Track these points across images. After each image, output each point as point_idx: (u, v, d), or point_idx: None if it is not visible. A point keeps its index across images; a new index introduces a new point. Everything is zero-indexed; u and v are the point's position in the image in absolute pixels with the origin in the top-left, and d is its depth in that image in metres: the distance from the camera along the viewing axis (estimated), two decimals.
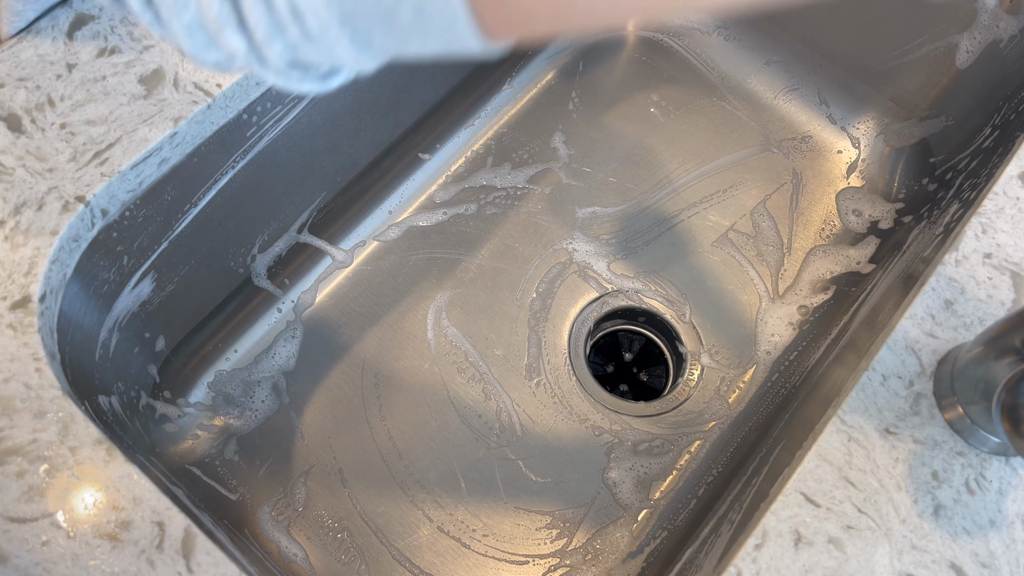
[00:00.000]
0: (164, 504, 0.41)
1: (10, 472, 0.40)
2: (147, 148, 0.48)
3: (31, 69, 0.50)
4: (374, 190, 0.71)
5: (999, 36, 0.66)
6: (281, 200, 0.63)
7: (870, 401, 0.46)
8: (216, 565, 0.39)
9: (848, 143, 0.76)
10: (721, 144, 0.76)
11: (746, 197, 0.74)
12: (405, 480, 0.61)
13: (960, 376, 0.45)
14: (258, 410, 0.63)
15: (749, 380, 0.66)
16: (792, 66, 0.78)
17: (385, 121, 0.68)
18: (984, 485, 0.44)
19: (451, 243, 0.70)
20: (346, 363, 0.65)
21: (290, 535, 0.59)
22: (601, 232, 0.71)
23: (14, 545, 0.39)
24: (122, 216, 0.49)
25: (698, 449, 0.64)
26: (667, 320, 0.69)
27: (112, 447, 0.41)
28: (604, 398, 0.65)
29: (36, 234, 0.45)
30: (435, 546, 0.59)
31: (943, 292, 0.49)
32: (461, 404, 0.64)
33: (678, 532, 0.60)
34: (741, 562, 0.42)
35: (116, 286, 0.52)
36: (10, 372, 0.42)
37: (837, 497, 0.43)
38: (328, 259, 0.69)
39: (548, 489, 0.61)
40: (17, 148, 0.47)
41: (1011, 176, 0.53)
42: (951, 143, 0.70)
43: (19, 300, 0.44)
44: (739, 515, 0.48)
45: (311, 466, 0.61)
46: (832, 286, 0.70)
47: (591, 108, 0.77)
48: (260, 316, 0.66)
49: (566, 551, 0.59)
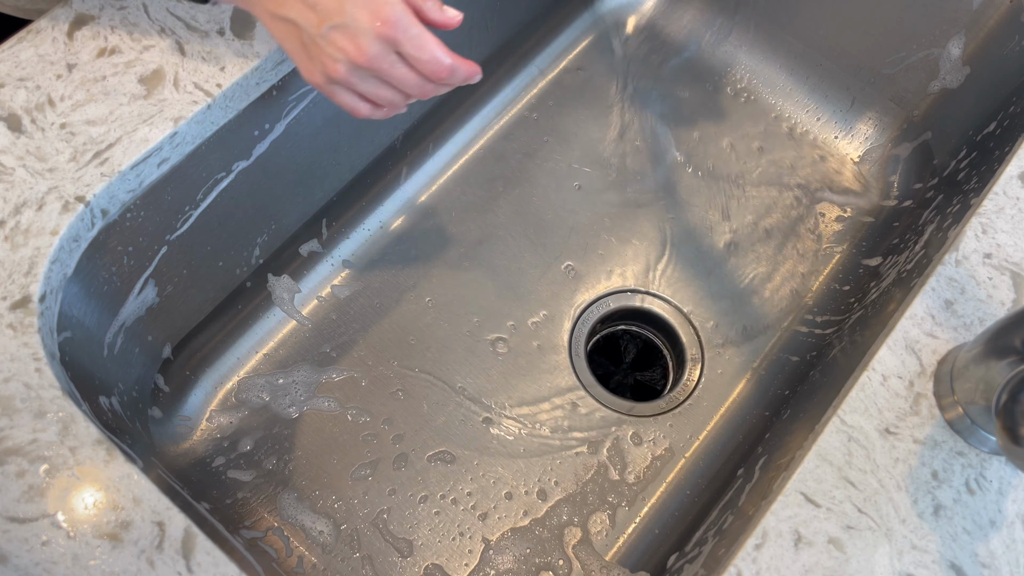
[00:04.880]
0: (164, 504, 0.41)
1: (10, 472, 0.40)
2: (147, 148, 0.48)
3: (31, 69, 0.50)
4: (374, 190, 0.71)
5: (999, 37, 0.66)
6: (281, 200, 0.63)
7: (870, 401, 0.46)
8: (216, 565, 0.39)
9: (848, 143, 0.76)
10: (721, 144, 0.76)
11: (747, 197, 0.74)
12: (405, 481, 0.61)
13: (960, 376, 0.45)
14: (257, 410, 0.63)
15: (749, 380, 0.66)
16: (792, 66, 0.78)
17: (385, 123, 0.68)
18: (984, 485, 0.44)
19: (451, 244, 0.70)
20: (346, 363, 0.65)
21: (284, 536, 0.59)
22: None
23: (14, 545, 0.39)
24: (122, 216, 0.49)
25: (698, 448, 0.64)
26: (667, 320, 0.69)
27: (112, 447, 0.41)
28: (604, 397, 0.65)
29: (36, 234, 0.45)
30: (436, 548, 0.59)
31: (943, 292, 0.49)
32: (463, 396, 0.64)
33: (677, 531, 0.60)
34: (741, 562, 0.42)
35: (118, 287, 0.52)
36: (10, 372, 0.42)
37: (837, 497, 0.43)
38: (328, 259, 0.69)
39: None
40: (17, 148, 0.47)
41: (1011, 176, 0.53)
42: (951, 143, 0.70)
43: (19, 300, 0.44)
44: (739, 515, 0.48)
45: (311, 466, 0.61)
46: (832, 287, 0.70)
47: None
48: (260, 317, 0.66)
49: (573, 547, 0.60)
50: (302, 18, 0.43)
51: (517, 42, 0.77)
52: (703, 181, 0.74)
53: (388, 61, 0.43)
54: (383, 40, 0.42)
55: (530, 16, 0.77)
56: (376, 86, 0.45)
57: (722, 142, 0.76)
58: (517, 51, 0.77)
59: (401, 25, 0.42)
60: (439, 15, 0.46)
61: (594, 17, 0.81)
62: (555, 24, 0.80)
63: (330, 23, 0.42)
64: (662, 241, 0.72)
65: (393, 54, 0.43)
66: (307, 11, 0.43)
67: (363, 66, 0.43)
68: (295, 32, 0.44)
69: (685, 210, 0.73)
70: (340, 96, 0.46)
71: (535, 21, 0.78)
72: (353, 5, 0.42)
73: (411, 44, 0.42)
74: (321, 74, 0.44)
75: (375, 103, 0.47)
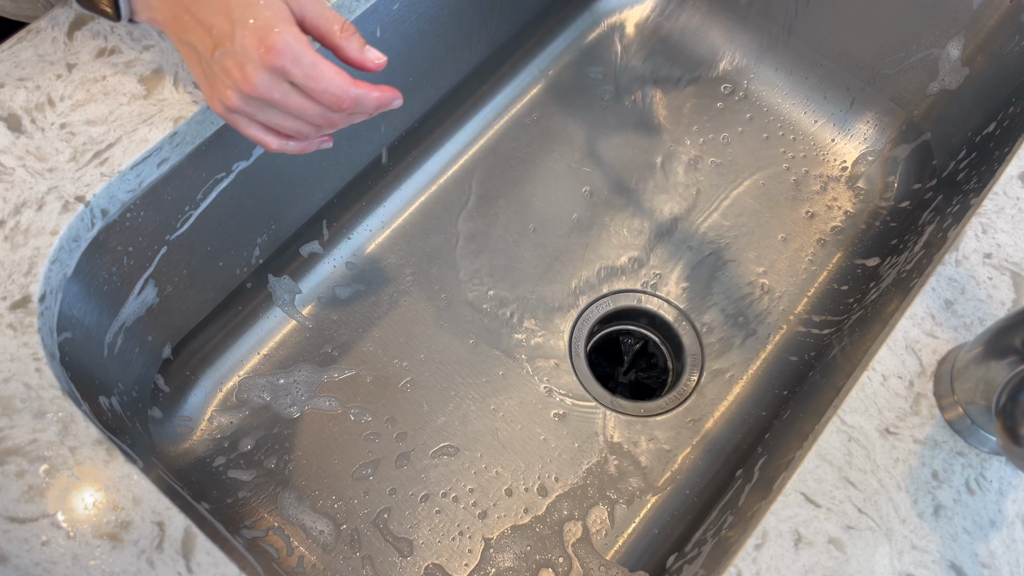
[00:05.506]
0: (164, 504, 0.41)
1: (10, 472, 0.40)
2: (147, 148, 0.48)
3: (31, 69, 0.50)
4: (374, 191, 0.71)
5: (999, 37, 0.66)
6: (281, 200, 0.63)
7: (870, 401, 0.46)
8: (216, 565, 0.39)
9: (848, 144, 0.76)
10: (721, 144, 0.76)
11: (746, 197, 0.74)
12: (406, 480, 0.61)
13: (960, 376, 0.45)
14: (258, 410, 0.63)
15: (749, 380, 0.66)
16: (793, 66, 0.78)
17: (384, 123, 0.68)
18: (984, 485, 0.44)
19: (451, 245, 0.70)
20: (348, 362, 0.65)
21: (282, 534, 0.59)
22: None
23: (14, 545, 0.39)
24: (122, 216, 0.49)
25: (698, 448, 0.64)
26: (667, 320, 0.69)
27: (112, 447, 0.41)
28: (604, 397, 0.65)
29: (36, 234, 0.45)
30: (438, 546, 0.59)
31: (943, 292, 0.49)
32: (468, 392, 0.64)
33: (677, 531, 0.60)
34: (741, 562, 0.42)
35: (118, 287, 0.52)
36: (10, 372, 0.42)
37: (837, 497, 0.43)
38: (328, 260, 0.69)
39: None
40: (17, 148, 0.47)
41: (1011, 176, 0.53)
42: (951, 143, 0.70)
43: (19, 300, 0.44)
44: (739, 515, 0.48)
45: (311, 466, 0.61)
46: (832, 287, 0.70)
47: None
48: (261, 317, 0.66)
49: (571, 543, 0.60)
50: (199, 42, 0.41)
51: (517, 42, 0.77)
52: (703, 181, 0.74)
53: (280, 91, 0.40)
54: (270, 70, 0.39)
55: (530, 16, 0.77)
56: (278, 116, 0.42)
57: (722, 142, 0.76)
58: (517, 51, 0.77)
59: (289, 54, 0.39)
60: (356, 54, 0.43)
61: (594, 17, 0.81)
62: (555, 24, 0.80)
63: (221, 49, 0.40)
64: (662, 241, 0.72)
65: (285, 83, 0.40)
66: (204, 35, 0.40)
67: (252, 96, 0.40)
68: (195, 57, 0.42)
69: (685, 210, 0.73)
70: (243, 126, 0.43)
71: (535, 21, 0.78)
72: (243, 29, 0.39)
73: (303, 74, 0.40)
74: (219, 102, 0.42)
75: (284, 135, 0.44)
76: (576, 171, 0.74)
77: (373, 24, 0.58)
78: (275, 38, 0.39)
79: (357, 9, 0.55)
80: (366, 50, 0.43)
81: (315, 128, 0.44)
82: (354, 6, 0.55)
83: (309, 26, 0.42)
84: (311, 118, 0.42)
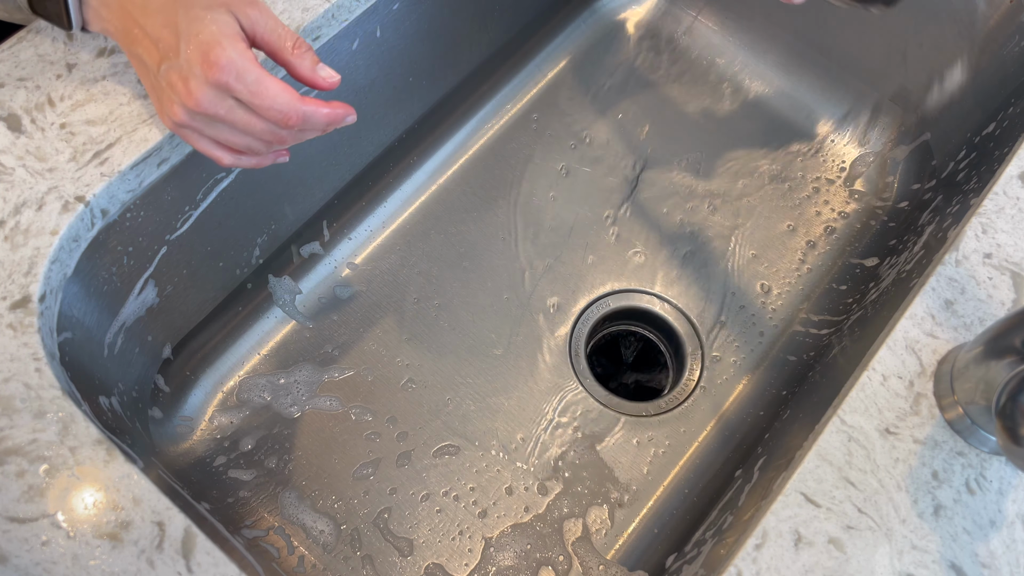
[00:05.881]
0: (164, 504, 0.41)
1: (10, 472, 0.40)
2: (147, 148, 0.48)
3: (31, 69, 0.50)
4: (374, 191, 0.71)
5: (999, 37, 0.66)
6: (281, 200, 0.63)
7: (870, 401, 0.46)
8: (216, 565, 0.39)
9: (848, 143, 0.76)
10: (721, 144, 0.76)
11: (746, 197, 0.74)
12: (406, 480, 0.61)
13: (960, 376, 0.45)
14: (259, 410, 0.63)
15: (749, 380, 0.66)
16: (792, 66, 0.78)
17: (385, 123, 0.68)
18: (984, 485, 0.44)
19: (451, 244, 0.70)
20: (349, 362, 0.65)
21: (281, 534, 0.59)
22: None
23: (14, 545, 0.39)
24: (122, 216, 0.49)
25: (698, 449, 0.64)
26: (667, 320, 0.69)
27: (112, 447, 0.41)
28: (604, 397, 0.65)
29: (36, 234, 0.45)
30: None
31: (943, 292, 0.49)
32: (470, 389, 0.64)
33: (677, 531, 0.60)
34: (741, 562, 0.42)
35: (118, 287, 0.52)
36: (10, 372, 0.42)
37: (837, 497, 0.43)
38: (329, 260, 0.69)
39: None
40: (17, 148, 0.47)
41: (1011, 176, 0.53)
42: (951, 143, 0.70)
43: (19, 300, 0.44)
44: (738, 515, 0.48)
45: (312, 466, 0.61)
46: (832, 287, 0.70)
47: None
48: (261, 317, 0.66)
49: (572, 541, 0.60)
50: (147, 55, 0.40)
51: (517, 42, 0.77)
52: (703, 181, 0.74)
53: (224, 107, 0.40)
54: (214, 85, 0.39)
55: (530, 16, 0.77)
56: (226, 131, 0.42)
57: (722, 142, 0.76)
58: (517, 51, 0.77)
59: (232, 70, 0.38)
60: (308, 72, 0.42)
61: (594, 17, 0.81)
62: (555, 24, 0.80)
63: (167, 63, 0.39)
64: (662, 241, 0.72)
65: (229, 99, 0.40)
66: (152, 48, 0.40)
67: (197, 111, 0.40)
68: (144, 70, 0.41)
69: (685, 211, 0.73)
70: (193, 141, 0.43)
71: (535, 21, 0.78)
72: (188, 44, 0.38)
73: (247, 91, 0.39)
74: (167, 116, 0.42)
75: (235, 150, 0.43)
76: (576, 171, 0.74)
77: (373, 24, 0.58)
78: (218, 53, 0.38)
79: (357, 9, 0.55)
80: (319, 68, 0.42)
81: (265, 144, 0.43)
82: (354, 6, 0.55)
83: (261, 42, 0.42)
84: (259, 134, 0.42)
